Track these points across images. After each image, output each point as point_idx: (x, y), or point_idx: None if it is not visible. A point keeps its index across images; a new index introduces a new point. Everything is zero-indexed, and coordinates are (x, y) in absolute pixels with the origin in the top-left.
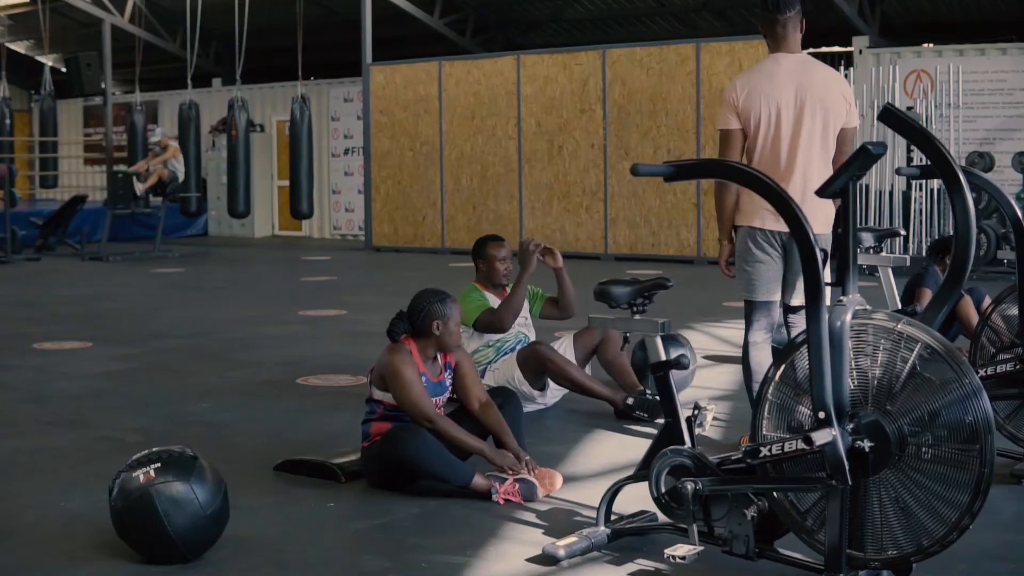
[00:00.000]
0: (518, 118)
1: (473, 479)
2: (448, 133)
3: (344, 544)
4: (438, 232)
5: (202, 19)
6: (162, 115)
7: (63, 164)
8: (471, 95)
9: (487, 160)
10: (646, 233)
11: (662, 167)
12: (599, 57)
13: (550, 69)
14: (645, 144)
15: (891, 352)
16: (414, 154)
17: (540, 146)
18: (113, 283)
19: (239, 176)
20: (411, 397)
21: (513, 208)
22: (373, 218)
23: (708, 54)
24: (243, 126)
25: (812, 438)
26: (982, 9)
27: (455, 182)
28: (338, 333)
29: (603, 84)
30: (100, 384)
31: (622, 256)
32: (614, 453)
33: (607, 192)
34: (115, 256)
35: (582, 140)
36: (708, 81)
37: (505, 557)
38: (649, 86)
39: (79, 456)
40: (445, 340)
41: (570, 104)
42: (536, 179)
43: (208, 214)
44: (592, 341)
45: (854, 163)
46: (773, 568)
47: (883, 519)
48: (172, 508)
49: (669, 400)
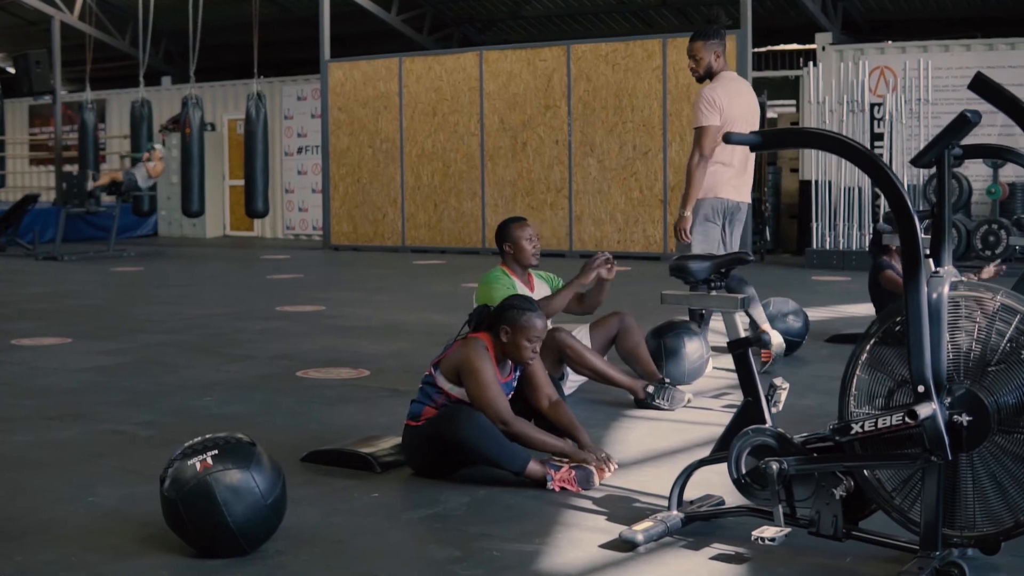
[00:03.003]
0: (481, 114)
1: (528, 465)
2: (409, 130)
3: (404, 534)
4: (398, 230)
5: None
6: (110, 114)
7: (9, 164)
8: (432, 91)
9: (449, 157)
10: (612, 230)
11: (751, 136)
12: (564, 53)
13: (513, 65)
14: (611, 140)
15: (987, 324)
16: (374, 151)
17: (503, 143)
18: (74, 281)
19: (193, 175)
20: (487, 397)
21: (476, 205)
22: (332, 216)
23: (674, 50)
24: (197, 124)
25: (917, 412)
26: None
27: (416, 179)
28: (323, 328)
29: (568, 80)
30: (93, 378)
31: (588, 253)
32: (648, 440)
33: (572, 189)
34: (70, 255)
35: (546, 136)
36: (674, 77)
37: (578, 544)
38: (614, 82)
39: (93, 450)
40: (510, 350)
41: (534, 100)
42: (499, 176)
43: (158, 214)
44: (610, 331)
45: (949, 132)
46: (858, 548)
47: (977, 495)
48: (231, 497)
49: (749, 378)
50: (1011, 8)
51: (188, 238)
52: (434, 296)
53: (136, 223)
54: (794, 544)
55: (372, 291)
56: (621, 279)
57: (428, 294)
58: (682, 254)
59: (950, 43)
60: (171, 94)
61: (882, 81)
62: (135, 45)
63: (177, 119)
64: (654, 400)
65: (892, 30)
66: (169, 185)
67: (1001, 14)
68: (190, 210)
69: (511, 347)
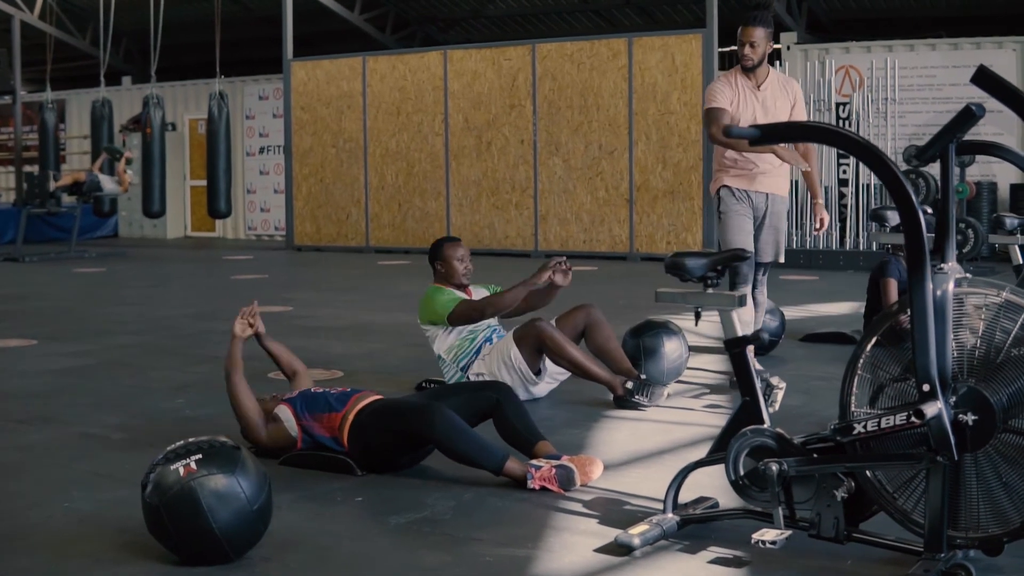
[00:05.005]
0: (445, 114)
1: (507, 463)
2: (372, 129)
3: (392, 539)
4: (362, 230)
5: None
6: (70, 114)
7: None
8: (396, 91)
9: (413, 157)
10: (577, 230)
11: (750, 129)
12: (529, 52)
13: (478, 64)
14: (576, 139)
15: (991, 322)
16: (337, 151)
17: (468, 142)
18: (37, 283)
19: (154, 175)
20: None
21: (440, 205)
22: (295, 216)
23: (640, 49)
24: (158, 124)
25: (924, 411)
26: (908, 6)
27: (380, 179)
28: (292, 328)
29: (533, 79)
30: (61, 381)
31: (553, 253)
32: (632, 441)
33: (537, 188)
34: (31, 256)
35: (511, 136)
36: (640, 76)
37: (571, 548)
38: (580, 81)
39: (65, 454)
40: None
41: (499, 99)
42: (464, 176)
43: (119, 215)
44: (577, 325)
45: (954, 126)
46: (859, 551)
47: (982, 495)
48: (216, 503)
49: (747, 378)
50: (976, 8)
51: (149, 239)
52: (401, 296)
53: (96, 224)
54: (793, 547)
55: (339, 291)
56: (588, 278)
57: (395, 294)
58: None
59: (915, 42)
60: (132, 94)
61: (847, 81)
62: (96, 44)
63: (138, 119)
64: (632, 397)
65: (857, 29)
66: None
67: (966, 14)
68: (151, 211)
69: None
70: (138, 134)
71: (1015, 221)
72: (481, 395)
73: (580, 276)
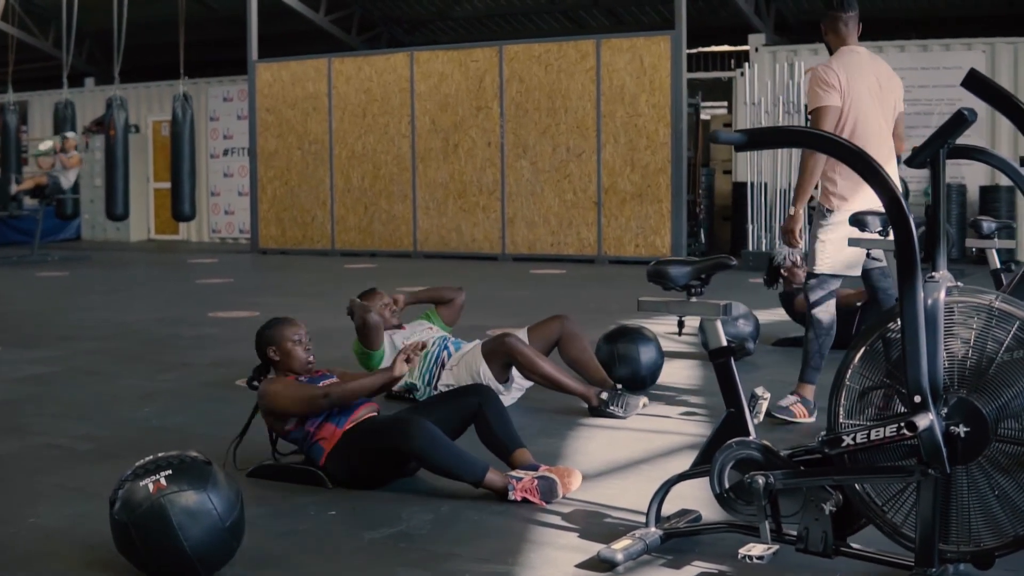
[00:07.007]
0: (412, 116)
1: (487, 475)
2: (338, 131)
3: (368, 555)
4: (328, 233)
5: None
6: (32, 116)
7: None
8: (362, 92)
9: (379, 159)
10: (545, 233)
11: (736, 135)
12: (496, 54)
13: (445, 66)
14: (544, 142)
15: (983, 330)
16: (303, 153)
17: (435, 144)
18: None
19: (118, 177)
20: (295, 397)
21: (407, 208)
22: (260, 219)
23: (608, 50)
24: (122, 126)
25: (915, 423)
26: (876, 7)
27: (346, 181)
28: None
29: (500, 81)
30: (25, 389)
31: (520, 256)
32: (609, 451)
33: (504, 191)
34: None
35: (478, 138)
36: (608, 78)
37: (553, 563)
38: (548, 83)
39: (30, 466)
40: (288, 362)
41: (466, 101)
42: (431, 178)
43: (82, 217)
44: (551, 336)
45: (946, 130)
46: (848, 565)
47: (976, 508)
48: (187, 520)
49: (732, 389)
50: (944, 9)
51: (112, 242)
52: None
53: (59, 227)
54: (780, 561)
55: (306, 296)
56: (556, 282)
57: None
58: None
59: (884, 44)
60: (95, 95)
61: None
62: (58, 46)
63: (101, 121)
64: (608, 407)
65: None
66: (93, 188)
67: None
68: (114, 213)
69: (286, 359)
70: (101, 136)
71: (992, 225)
72: (465, 400)
73: (549, 280)
